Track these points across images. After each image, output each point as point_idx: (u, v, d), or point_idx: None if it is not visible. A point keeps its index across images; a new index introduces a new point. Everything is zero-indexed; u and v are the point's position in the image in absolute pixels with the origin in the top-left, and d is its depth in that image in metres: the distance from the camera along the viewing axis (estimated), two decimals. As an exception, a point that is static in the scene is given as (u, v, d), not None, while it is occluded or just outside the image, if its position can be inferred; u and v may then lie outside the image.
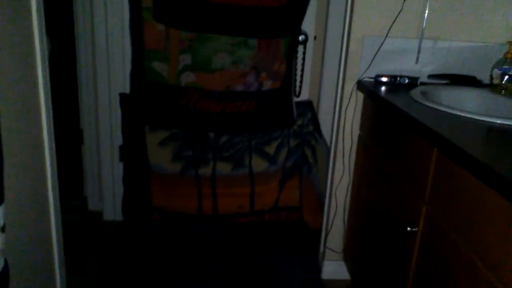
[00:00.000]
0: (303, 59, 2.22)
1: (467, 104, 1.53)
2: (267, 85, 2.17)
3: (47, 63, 1.34)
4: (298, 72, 2.24)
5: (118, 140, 2.30)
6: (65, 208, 1.54)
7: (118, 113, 2.25)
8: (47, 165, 1.37)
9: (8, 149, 1.08)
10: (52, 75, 1.38)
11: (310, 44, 2.22)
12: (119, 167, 2.34)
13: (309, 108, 2.26)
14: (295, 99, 2.26)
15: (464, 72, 1.76)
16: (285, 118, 2.24)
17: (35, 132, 1.29)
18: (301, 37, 2.13)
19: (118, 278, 1.87)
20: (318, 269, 2.01)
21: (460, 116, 1.24)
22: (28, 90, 1.24)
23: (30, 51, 1.24)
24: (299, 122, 2.27)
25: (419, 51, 1.74)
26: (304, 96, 2.32)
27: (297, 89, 2.27)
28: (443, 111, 1.28)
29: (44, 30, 1.30)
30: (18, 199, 1.17)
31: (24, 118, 1.21)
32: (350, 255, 1.91)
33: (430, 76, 1.75)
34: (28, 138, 1.24)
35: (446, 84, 1.72)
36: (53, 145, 1.40)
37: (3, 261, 0.91)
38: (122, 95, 2.21)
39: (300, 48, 2.20)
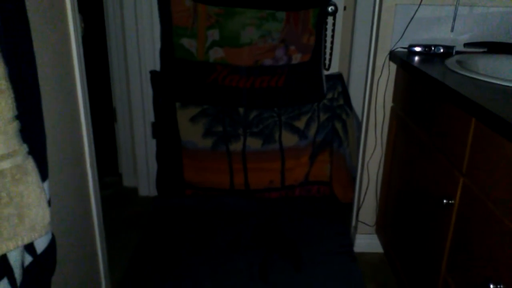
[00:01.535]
0: (333, 30, 2.18)
1: (506, 72, 1.48)
2: (297, 58, 2.14)
3: (81, 41, 1.35)
4: (328, 44, 2.20)
5: (150, 117, 2.33)
6: (101, 184, 1.59)
7: (149, 90, 2.28)
8: (85, 143, 1.41)
9: (48, 128, 1.11)
10: (84, 54, 1.40)
11: (339, 14, 2.17)
12: (152, 144, 2.38)
13: (339, 81, 2.23)
14: (325, 72, 2.23)
15: (503, 39, 1.69)
16: (315, 92, 2.22)
17: (72, 110, 1.33)
18: (330, 8, 2.08)
19: (154, 251, 1.93)
20: (350, 242, 2.02)
21: (498, 85, 1.20)
22: (63, 69, 1.26)
23: (64, 28, 1.26)
24: (329, 95, 2.25)
25: (454, 19, 1.67)
26: (334, 69, 2.28)
27: (327, 62, 2.24)
28: (481, 80, 1.24)
29: (77, 7, 1.31)
30: (58, 176, 1.21)
31: (61, 97, 1.24)
32: (383, 228, 1.90)
33: (466, 45, 1.68)
34: (66, 117, 1.28)
35: (484, 52, 1.66)
36: (90, 124, 1.43)
37: (50, 234, 0.95)
38: (152, 73, 2.23)
39: (330, 20, 2.16)
